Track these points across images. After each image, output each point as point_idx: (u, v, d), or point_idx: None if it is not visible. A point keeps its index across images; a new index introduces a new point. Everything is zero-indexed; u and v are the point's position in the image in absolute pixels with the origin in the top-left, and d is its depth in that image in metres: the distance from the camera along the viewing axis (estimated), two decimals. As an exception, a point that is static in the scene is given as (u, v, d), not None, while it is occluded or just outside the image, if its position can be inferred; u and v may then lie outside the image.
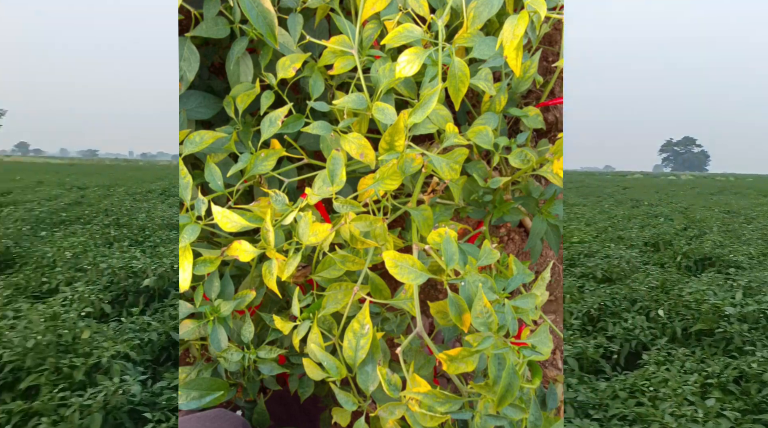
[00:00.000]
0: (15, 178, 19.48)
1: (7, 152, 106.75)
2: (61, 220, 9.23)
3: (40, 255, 6.06)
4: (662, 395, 2.90)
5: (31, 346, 3.15)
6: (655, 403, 2.80)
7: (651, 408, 2.68)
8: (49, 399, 2.75)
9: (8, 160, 44.82)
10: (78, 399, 2.69)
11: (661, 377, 3.16)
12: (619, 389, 3.03)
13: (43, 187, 15.71)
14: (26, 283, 5.13)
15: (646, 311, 4.62)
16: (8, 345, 3.22)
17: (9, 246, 6.59)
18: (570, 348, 3.58)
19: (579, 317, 4.47)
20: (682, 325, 4.24)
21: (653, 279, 5.36)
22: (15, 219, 8.98)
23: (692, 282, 5.30)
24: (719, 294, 4.63)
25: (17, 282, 5.13)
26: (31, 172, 23.67)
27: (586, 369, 3.67)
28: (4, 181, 17.41)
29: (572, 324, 4.29)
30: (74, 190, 15.33)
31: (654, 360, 3.55)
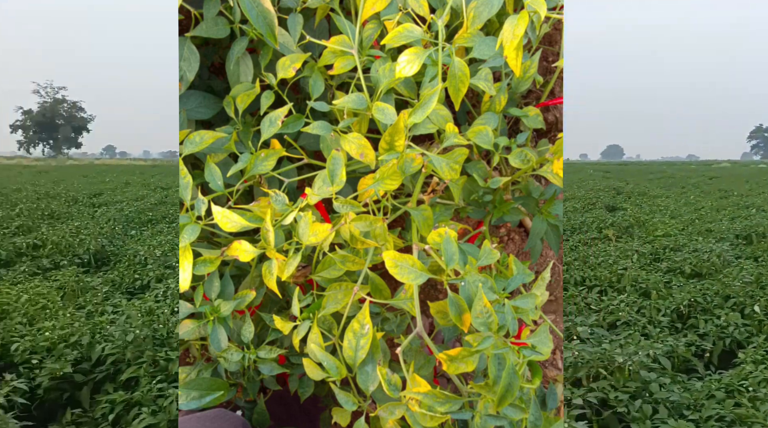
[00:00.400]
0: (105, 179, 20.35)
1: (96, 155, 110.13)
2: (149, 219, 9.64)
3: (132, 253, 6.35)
4: (762, 395, 2.77)
5: (130, 340, 3.35)
6: (755, 404, 2.68)
7: (751, 409, 2.57)
8: (148, 391, 2.89)
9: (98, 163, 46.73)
10: (174, 390, 2.81)
11: (760, 376, 3.02)
12: (715, 389, 2.92)
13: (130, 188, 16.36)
14: (121, 280, 5.41)
15: (741, 307, 4.42)
16: (109, 339, 3.43)
17: (104, 245, 6.99)
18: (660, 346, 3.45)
19: (667, 314, 4.35)
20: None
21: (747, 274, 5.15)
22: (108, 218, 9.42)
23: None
24: None
25: (113, 279, 5.44)
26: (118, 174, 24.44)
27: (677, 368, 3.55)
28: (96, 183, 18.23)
29: (660, 322, 4.17)
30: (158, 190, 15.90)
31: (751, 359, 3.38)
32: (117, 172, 27.09)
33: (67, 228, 7.66)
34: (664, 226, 8.44)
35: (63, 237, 6.89)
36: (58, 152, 68.92)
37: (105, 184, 18.24)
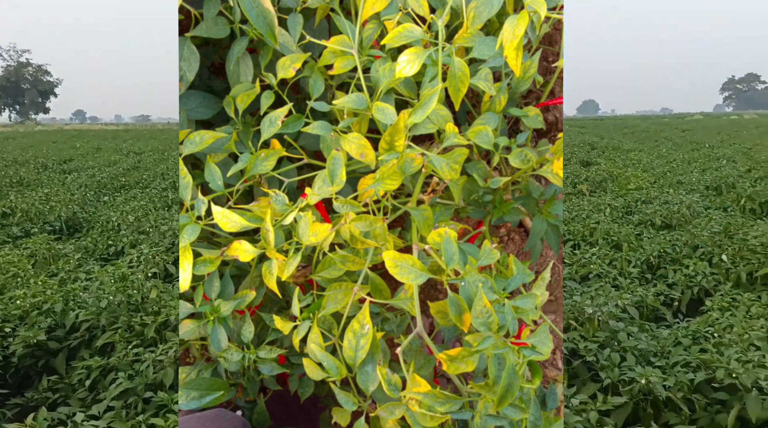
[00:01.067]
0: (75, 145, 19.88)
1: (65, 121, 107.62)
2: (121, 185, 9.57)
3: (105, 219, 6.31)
4: (727, 341, 2.83)
5: (104, 306, 3.35)
6: (719, 349, 2.74)
7: (716, 355, 2.63)
8: (124, 355, 2.91)
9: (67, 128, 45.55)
10: (151, 354, 2.84)
11: (725, 323, 3.10)
12: (682, 336, 2.99)
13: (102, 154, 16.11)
14: (94, 246, 5.39)
15: (709, 257, 4.53)
16: (83, 306, 3.44)
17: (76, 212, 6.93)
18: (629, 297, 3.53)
19: (638, 265, 4.44)
20: (747, 270, 4.13)
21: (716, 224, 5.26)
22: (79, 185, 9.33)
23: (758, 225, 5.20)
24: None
25: (86, 246, 5.40)
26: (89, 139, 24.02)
27: (646, 317, 3.63)
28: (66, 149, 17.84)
29: (630, 273, 4.26)
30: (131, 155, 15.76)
31: (717, 306, 3.47)
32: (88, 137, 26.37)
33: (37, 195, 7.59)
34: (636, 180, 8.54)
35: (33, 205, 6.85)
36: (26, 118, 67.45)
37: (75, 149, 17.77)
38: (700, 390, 2.51)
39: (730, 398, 2.40)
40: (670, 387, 2.45)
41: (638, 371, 2.50)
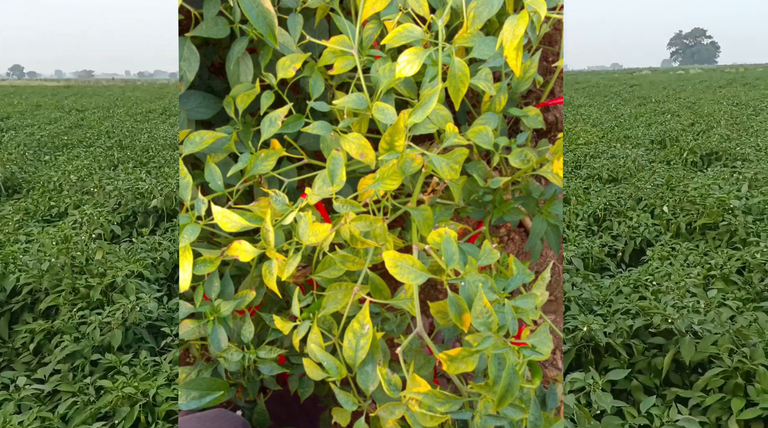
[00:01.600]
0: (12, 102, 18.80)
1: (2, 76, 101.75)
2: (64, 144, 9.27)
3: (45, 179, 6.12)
4: (665, 289, 2.94)
5: (46, 268, 3.26)
6: (657, 297, 2.84)
7: (653, 302, 2.72)
8: (69, 318, 2.85)
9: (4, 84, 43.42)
10: (97, 317, 2.79)
11: (664, 271, 3.22)
12: (623, 285, 3.08)
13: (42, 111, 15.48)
14: (35, 208, 5.23)
15: (651, 208, 4.70)
16: (23, 268, 3.34)
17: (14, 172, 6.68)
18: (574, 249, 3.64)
19: (584, 218, 4.55)
20: (687, 220, 4.30)
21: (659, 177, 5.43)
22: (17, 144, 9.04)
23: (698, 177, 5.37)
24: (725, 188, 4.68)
25: (26, 207, 5.24)
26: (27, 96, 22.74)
27: (592, 267, 3.74)
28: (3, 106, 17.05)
29: (578, 226, 4.37)
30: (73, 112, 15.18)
31: (658, 256, 3.61)
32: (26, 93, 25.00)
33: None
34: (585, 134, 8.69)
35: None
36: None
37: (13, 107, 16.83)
38: (639, 336, 2.61)
39: (666, 342, 2.51)
40: (611, 334, 2.55)
41: (581, 319, 2.58)
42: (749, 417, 2.05)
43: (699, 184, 4.84)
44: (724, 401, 2.15)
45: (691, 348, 2.38)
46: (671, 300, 2.70)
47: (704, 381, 2.25)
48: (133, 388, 2.20)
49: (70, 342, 2.62)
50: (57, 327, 2.80)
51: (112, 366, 2.47)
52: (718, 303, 2.72)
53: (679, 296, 2.81)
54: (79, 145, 9.23)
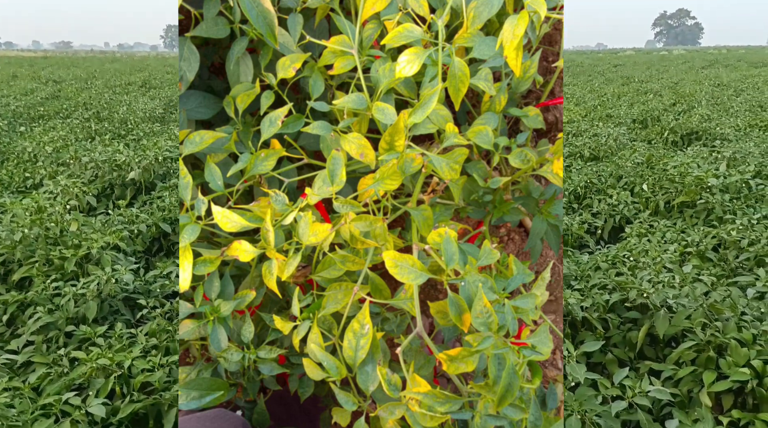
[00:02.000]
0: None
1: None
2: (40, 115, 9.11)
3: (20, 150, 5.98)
4: (642, 264, 3.00)
5: (18, 239, 3.19)
6: (634, 272, 2.89)
7: (630, 277, 2.77)
8: (43, 290, 2.80)
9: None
10: (71, 288, 2.74)
11: (641, 248, 3.27)
12: (601, 261, 3.13)
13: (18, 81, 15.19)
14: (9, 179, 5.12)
15: (631, 187, 4.77)
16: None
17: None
18: None
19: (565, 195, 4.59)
20: (666, 198, 4.37)
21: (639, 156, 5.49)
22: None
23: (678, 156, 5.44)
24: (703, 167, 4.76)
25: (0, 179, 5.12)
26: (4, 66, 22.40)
27: (571, 244, 3.81)
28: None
29: None
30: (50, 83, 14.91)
31: (636, 233, 3.68)
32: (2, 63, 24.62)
33: (-56, 124, 7.09)
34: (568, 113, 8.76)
35: (-61, 134, 6.34)
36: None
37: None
38: (615, 311, 2.65)
39: (641, 317, 2.55)
40: (587, 308, 2.59)
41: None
42: (720, 389, 2.09)
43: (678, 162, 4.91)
44: (696, 374, 2.18)
45: (665, 322, 2.41)
46: (647, 275, 2.74)
47: (677, 355, 2.29)
48: (108, 359, 2.17)
49: (43, 314, 2.58)
50: (30, 298, 2.75)
51: (87, 337, 2.43)
52: (692, 279, 2.76)
53: (656, 272, 2.85)
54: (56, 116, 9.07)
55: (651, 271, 2.83)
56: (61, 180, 4.52)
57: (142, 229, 3.73)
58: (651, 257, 3.08)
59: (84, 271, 3.06)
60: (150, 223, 3.82)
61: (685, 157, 5.32)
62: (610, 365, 2.39)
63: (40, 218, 3.46)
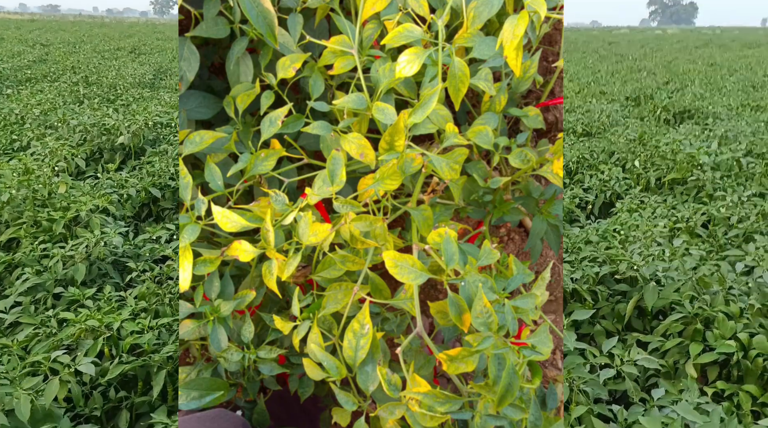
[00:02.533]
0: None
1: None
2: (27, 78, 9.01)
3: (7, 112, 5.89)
4: (632, 238, 3.02)
5: (5, 200, 3.15)
6: (624, 246, 2.91)
7: (621, 250, 2.79)
8: (31, 251, 2.78)
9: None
10: (60, 250, 2.72)
11: (631, 223, 3.31)
12: (592, 235, 3.15)
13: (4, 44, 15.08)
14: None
15: (623, 163, 4.80)
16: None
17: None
18: None
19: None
20: (657, 175, 4.41)
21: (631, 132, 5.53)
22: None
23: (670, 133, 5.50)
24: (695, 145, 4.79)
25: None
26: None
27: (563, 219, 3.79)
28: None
29: None
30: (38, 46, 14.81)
31: (627, 208, 3.70)
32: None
33: (-72, 87, 6.97)
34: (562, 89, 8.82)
35: None
36: None
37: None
38: (604, 283, 2.66)
39: (630, 289, 2.56)
40: (577, 280, 2.60)
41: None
42: (706, 361, 2.10)
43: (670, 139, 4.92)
44: (683, 345, 2.19)
45: (654, 294, 2.43)
46: (638, 249, 2.75)
47: (664, 327, 2.30)
48: (97, 321, 2.14)
49: (31, 275, 2.56)
50: (18, 259, 2.73)
51: (76, 299, 2.41)
52: (682, 253, 2.78)
53: (646, 245, 2.86)
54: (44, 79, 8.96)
55: (642, 245, 2.85)
56: (48, 142, 4.46)
57: (131, 194, 3.70)
58: (641, 231, 3.10)
59: (72, 234, 3.03)
60: (140, 188, 3.78)
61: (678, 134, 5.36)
62: (599, 336, 2.41)
63: (28, 179, 3.40)
